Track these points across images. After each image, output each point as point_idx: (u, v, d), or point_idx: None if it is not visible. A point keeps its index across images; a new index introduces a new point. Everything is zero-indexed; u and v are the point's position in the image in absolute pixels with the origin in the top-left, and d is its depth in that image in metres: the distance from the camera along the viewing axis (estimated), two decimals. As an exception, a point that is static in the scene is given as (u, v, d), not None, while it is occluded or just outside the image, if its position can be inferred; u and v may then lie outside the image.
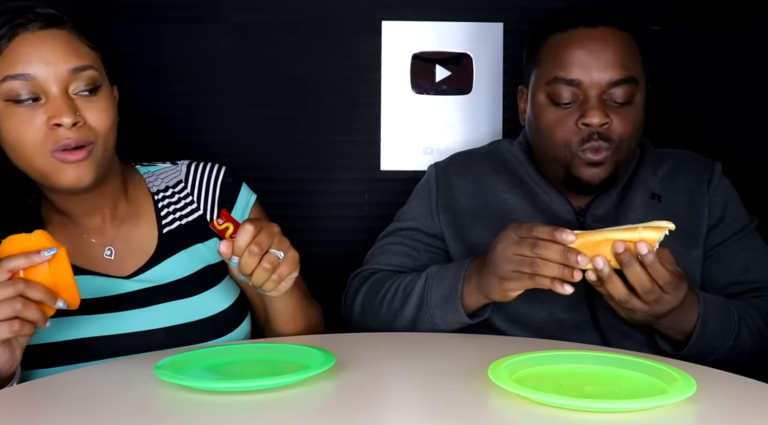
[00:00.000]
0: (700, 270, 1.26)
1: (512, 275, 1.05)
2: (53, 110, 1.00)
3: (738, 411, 0.80)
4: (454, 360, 1.00)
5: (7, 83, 1.00)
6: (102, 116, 1.04)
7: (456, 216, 1.33)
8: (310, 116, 1.65)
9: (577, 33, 1.21)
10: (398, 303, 1.22)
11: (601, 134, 1.19)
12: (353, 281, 1.34)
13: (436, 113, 1.66)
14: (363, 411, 0.81)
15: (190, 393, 0.85)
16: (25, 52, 1.01)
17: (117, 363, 1.02)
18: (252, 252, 0.97)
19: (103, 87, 1.06)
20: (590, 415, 0.78)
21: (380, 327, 1.24)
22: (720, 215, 1.27)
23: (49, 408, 0.85)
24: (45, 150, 1.01)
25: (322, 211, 1.65)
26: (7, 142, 1.03)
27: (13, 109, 1.01)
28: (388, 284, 1.26)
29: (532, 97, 1.26)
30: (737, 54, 1.64)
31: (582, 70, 1.19)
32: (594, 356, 0.94)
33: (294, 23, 1.63)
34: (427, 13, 1.65)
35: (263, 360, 0.99)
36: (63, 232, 1.12)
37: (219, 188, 1.21)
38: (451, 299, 1.15)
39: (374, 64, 1.65)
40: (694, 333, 1.10)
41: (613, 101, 1.20)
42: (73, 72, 1.02)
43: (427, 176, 1.40)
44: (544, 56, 1.24)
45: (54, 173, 1.02)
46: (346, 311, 1.33)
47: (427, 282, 1.20)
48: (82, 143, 1.02)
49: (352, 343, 1.11)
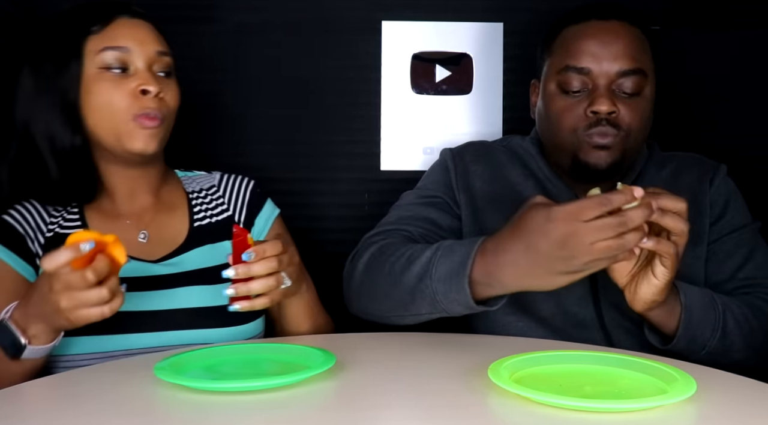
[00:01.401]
0: (704, 267, 1.26)
1: (591, 265, 0.93)
2: (142, 79, 1.15)
3: (738, 411, 0.80)
4: (454, 360, 1.00)
5: (105, 53, 1.15)
6: (174, 96, 1.21)
7: (473, 199, 1.33)
8: (311, 116, 1.65)
9: (590, 25, 1.25)
10: (400, 268, 1.10)
11: (609, 120, 1.21)
12: (365, 242, 1.26)
13: (436, 113, 1.66)
14: (363, 411, 0.81)
15: (190, 393, 0.85)
16: (122, 31, 1.17)
17: (117, 363, 1.03)
18: (269, 263, 1.02)
19: (173, 75, 1.23)
20: (590, 415, 0.78)
21: (378, 292, 1.15)
22: (720, 213, 1.28)
23: (49, 408, 0.85)
24: (129, 114, 1.14)
25: (322, 211, 1.65)
26: (96, 104, 1.15)
27: (105, 75, 1.15)
28: (398, 248, 1.16)
29: (544, 88, 1.30)
30: (738, 54, 1.64)
31: (592, 60, 1.22)
32: (594, 356, 0.94)
33: (294, 23, 1.63)
34: (427, 13, 1.65)
35: (263, 360, 1.00)
36: (104, 212, 1.21)
37: (248, 195, 1.32)
38: (457, 277, 1.01)
39: (374, 64, 1.65)
40: (680, 323, 1.10)
41: (621, 92, 1.22)
42: (158, 54, 1.19)
43: (443, 158, 1.40)
44: (556, 48, 1.28)
45: (129, 136, 1.15)
46: (348, 271, 1.25)
47: (437, 253, 1.06)
48: (159, 114, 1.16)
49: (352, 343, 1.11)
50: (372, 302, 1.17)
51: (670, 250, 0.99)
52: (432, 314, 1.08)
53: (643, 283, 1.04)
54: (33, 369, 1.03)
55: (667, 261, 1.01)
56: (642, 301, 1.06)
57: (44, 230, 1.17)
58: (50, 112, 1.16)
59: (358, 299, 1.20)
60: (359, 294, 1.19)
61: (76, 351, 1.09)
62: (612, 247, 0.90)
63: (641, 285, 1.05)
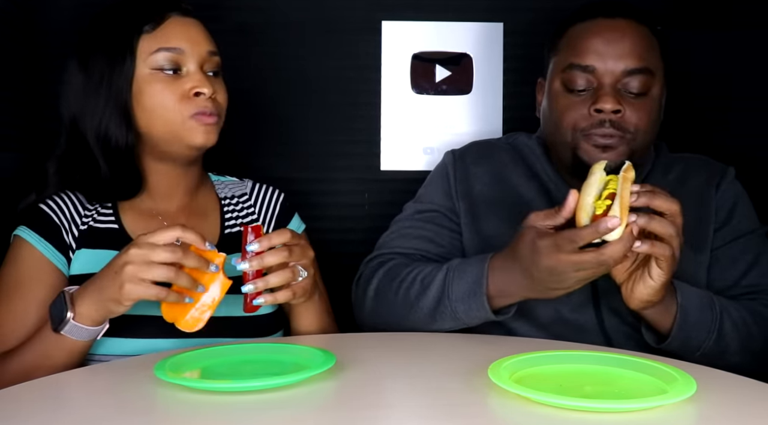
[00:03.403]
0: (706, 274, 1.25)
1: (582, 283, 1.03)
2: (197, 81, 1.16)
3: (738, 411, 0.80)
4: (454, 360, 1.00)
5: (159, 54, 1.15)
6: (224, 95, 1.22)
7: (472, 205, 1.32)
8: (311, 116, 1.65)
9: (596, 23, 1.23)
10: (415, 294, 1.18)
11: (613, 122, 1.18)
12: (368, 265, 1.30)
13: (436, 113, 1.66)
14: (363, 411, 0.81)
15: (190, 393, 0.85)
16: (176, 31, 1.17)
17: (117, 363, 1.03)
18: (280, 252, 1.02)
19: (221, 73, 1.23)
20: (590, 415, 0.78)
21: (394, 315, 1.21)
22: (725, 218, 1.27)
23: (49, 408, 0.85)
24: (185, 114, 1.16)
25: (322, 211, 1.65)
26: (149, 105, 1.16)
27: (159, 76, 1.16)
28: (405, 272, 1.22)
29: (549, 86, 1.28)
30: (739, 55, 1.64)
31: (597, 57, 1.20)
32: (594, 356, 0.94)
33: (294, 23, 1.63)
34: (427, 13, 1.65)
35: (263, 360, 1.00)
36: (138, 210, 1.22)
37: (278, 208, 1.34)
38: (475, 296, 1.11)
39: (374, 64, 1.65)
40: (675, 323, 1.10)
41: (627, 91, 1.20)
42: (209, 54, 1.20)
43: (444, 162, 1.39)
44: (562, 46, 1.26)
45: (189, 133, 1.16)
46: (358, 297, 1.29)
47: (448, 274, 1.16)
48: (215, 111, 1.18)
49: (352, 343, 1.11)
50: (389, 325, 1.22)
51: (666, 252, 1.00)
52: (454, 327, 1.17)
53: (639, 283, 1.05)
54: (71, 354, 1.03)
55: (663, 263, 1.01)
56: (637, 300, 1.06)
57: (79, 223, 1.18)
58: (104, 110, 1.17)
59: (372, 322, 1.25)
60: (373, 318, 1.25)
61: (102, 352, 1.10)
62: (597, 273, 1.00)
63: (637, 285, 1.05)
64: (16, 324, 1.11)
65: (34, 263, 1.14)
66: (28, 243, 1.15)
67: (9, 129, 1.52)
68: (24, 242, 1.15)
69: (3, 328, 1.11)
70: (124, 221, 1.20)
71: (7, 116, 1.51)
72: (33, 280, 1.13)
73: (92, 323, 1.01)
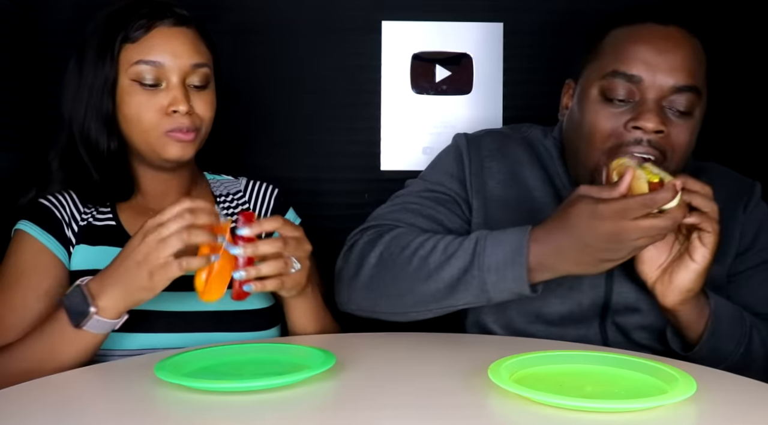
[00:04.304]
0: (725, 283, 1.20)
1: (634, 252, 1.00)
2: (172, 98, 1.16)
3: (738, 411, 0.80)
4: (454, 360, 1.00)
5: (139, 66, 1.15)
6: (207, 107, 1.21)
7: (485, 203, 1.22)
8: (311, 116, 1.65)
9: (645, 28, 1.11)
10: (435, 263, 1.07)
11: (651, 141, 1.07)
12: (365, 234, 1.19)
13: (436, 113, 1.66)
14: (363, 411, 0.81)
15: (190, 393, 0.85)
16: (159, 43, 1.16)
17: (117, 363, 1.03)
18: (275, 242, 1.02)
19: (211, 83, 1.22)
20: (590, 415, 0.78)
21: (399, 287, 1.10)
22: (749, 244, 1.21)
23: (49, 408, 0.85)
24: (160, 129, 1.16)
25: (322, 211, 1.65)
26: (127, 116, 1.17)
27: (137, 89, 1.16)
28: (419, 240, 1.11)
29: (582, 92, 1.15)
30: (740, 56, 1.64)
31: (645, 68, 1.08)
32: (594, 356, 0.94)
33: (294, 23, 1.63)
34: (427, 13, 1.65)
35: (263, 360, 1.00)
36: (136, 209, 1.23)
37: (273, 201, 1.35)
38: (513, 265, 1.02)
39: (374, 64, 1.65)
40: (706, 329, 1.06)
41: (673, 110, 1.09)
42: (193, 67, 1.18)
43: (457, 147, 1.27)
44: (604, 49, 1.14)
45: (163, 147, 1.17)
46: (348, 269, 1.16)
47: (479, 243, 1.05)
48: (192, 128, 1.17)
49: (352, 343, 1.11)
50: (385, 298, 1.12)
51: (714, 225, 0.99)
52: (466, 305, 1.07)
53: (680, 270, 1.03)
54: (85, 349, 1.03)
55: (708, 239, 1.00)
56: (677, 290, 1.04)
57: (78, 219, 1.19)
58: (86, 115, 1.19)
59: (364, 296, 1.14)
60: (368, 291, 1.13)
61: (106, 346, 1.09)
62: (653, 241, 0.97)
63: (678, 273, 1.03)
64: (16, 315, 1.10)
65: (36, 255, 1.15)
66: (29, 235, 1.16)
67: (9, 129, 1.52)
68: (26, 234, 1.16)
69: (3, 320, 1.10)
70: (122, 219, 1.21)
71: (7, 116, 1.51)
72: (35, 271, 1.14)
73: (116, 315, 1.01)
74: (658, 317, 1.14)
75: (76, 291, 1.01)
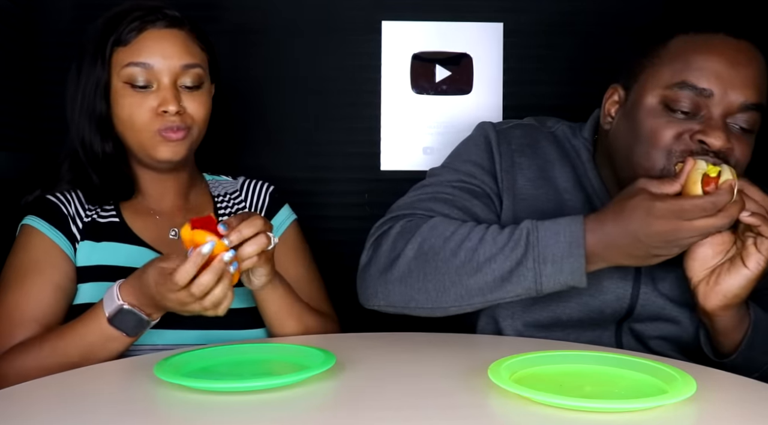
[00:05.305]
0: None
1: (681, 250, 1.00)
2: (162, 98, 1.17)
3: (738, 411, 0.80)
4: (454, 360, 1.00)
5: (129, 68, 1.17)
6: (200, 108, 1.21)
7: (514, 203, 1.17)
8: (311, 116, 1.65)
9: (719, 39, 1.06)
10: (486, 255, 1.03)
11: (718, 155, 1.04)
12: (396, 224, 1.11)
13: (436, 113, 1.66)
14: (363, 411, 0.81)
15: (190, 393, 0.85)
16: (149, 45, 1.18)
17: (117, 363, 1.03)
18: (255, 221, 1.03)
19: (204, 84, 1.23)
20: (590, 415, 0.78)
21: (442, 280, 1.05)
22: None
23: (49, 408, 0.85)
24: (152, 129, 1.17)
25: (322, 211, 1.65)
26: (120, 117, 1.19)
27: (128, 91, 1.18)
28: (463, 231, 1.06)
29: (638, 99, 1.09)
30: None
31: (718, 82, 1.03)
32: (594, 356, 0.94)
33: (294, 23, 1.63)
34: (427, 13, 1.65)
35: (263, 360, 1.00)
36: (137, 208, 1.25)
37: (267, 198, 1.35)
38: (571, 257, 1.00)
39: (374, 64, 1.65)
40: (744, 339, 1.05)
41: (737, 126, 1.06)
42: (184, 68, 1.19)
43: (485, 136, 1.21)
44: (668, 56, 1.07)
45: (154, 147, 1.19)
46: (379, 260, 1.10)
47: (531, 235, 1.02)
48: (183, 126, 1.18)
49: (352, 343, 1.11)
50: (423, 293, 1.06)
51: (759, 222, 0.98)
52: (515, 297, 1.04)
53: (731, 274, 1.01)
54: (126, 348, 1.07)
55: (766, 245, 0.99)
56: (722, 295, 1.02)
57: (83, 216, 1.21)
58: (82, 117, 1.21)
59: (398, 290, 1.08)
60: (402, 285, 1.07)
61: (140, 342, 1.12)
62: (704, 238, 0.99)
63: (727, 277, 1.01)
64: (32, 308, 1.12)
65: (44, 249, 1.16)
66: (37, 230, 1.17)
67: (9, 129, 1.52)
68: (33, 229, 1.17)
69: (19, 311, 1.12)
70: (125, 216, 1.23)
71: (6, 116, 1.51)
72: (45, 263, 1.15)
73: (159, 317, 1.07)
74: (680, 328, 1.13)
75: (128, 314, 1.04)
